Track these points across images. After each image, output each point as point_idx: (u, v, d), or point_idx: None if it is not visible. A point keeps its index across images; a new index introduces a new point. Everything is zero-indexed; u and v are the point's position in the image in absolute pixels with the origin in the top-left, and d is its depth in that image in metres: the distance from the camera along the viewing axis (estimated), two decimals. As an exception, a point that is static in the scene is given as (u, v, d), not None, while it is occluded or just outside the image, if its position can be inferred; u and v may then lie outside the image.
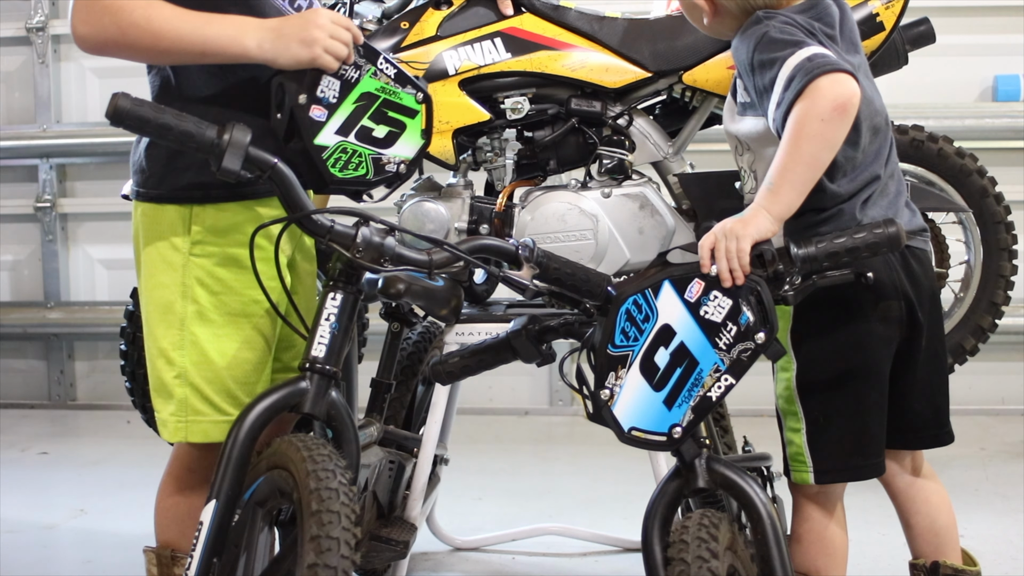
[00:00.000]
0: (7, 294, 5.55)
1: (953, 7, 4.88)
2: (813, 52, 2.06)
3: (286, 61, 2.12)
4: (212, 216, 2.21)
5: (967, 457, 4.32)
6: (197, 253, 2.21)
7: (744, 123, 2.24)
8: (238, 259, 2.21)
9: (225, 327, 2.22)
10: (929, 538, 2.38)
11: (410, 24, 2.87)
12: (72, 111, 5.39)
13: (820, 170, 2.06)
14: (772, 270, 2.01)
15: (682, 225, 2.90)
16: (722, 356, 1.99)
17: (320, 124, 2.17)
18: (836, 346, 2.23)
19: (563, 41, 2.88)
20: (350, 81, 2.19)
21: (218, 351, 2.22)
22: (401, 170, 2.26)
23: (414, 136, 2.27)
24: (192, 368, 2.22)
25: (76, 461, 4.47)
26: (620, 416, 2.01)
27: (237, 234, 2.21)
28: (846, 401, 2.24)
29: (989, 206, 3.19)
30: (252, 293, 2.21)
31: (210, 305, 2.21)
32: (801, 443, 2.27)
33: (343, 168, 2.21)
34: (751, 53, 2.14)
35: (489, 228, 2.90)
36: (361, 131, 2.21)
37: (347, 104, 2.19)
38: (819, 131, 2.02)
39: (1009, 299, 3.23)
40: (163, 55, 2.12)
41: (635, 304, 2.02)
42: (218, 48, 2.09)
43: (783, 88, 2.06)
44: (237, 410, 2.20)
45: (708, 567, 1.88)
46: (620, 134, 2.91)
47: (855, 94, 2.03)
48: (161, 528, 2.34)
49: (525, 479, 4.20)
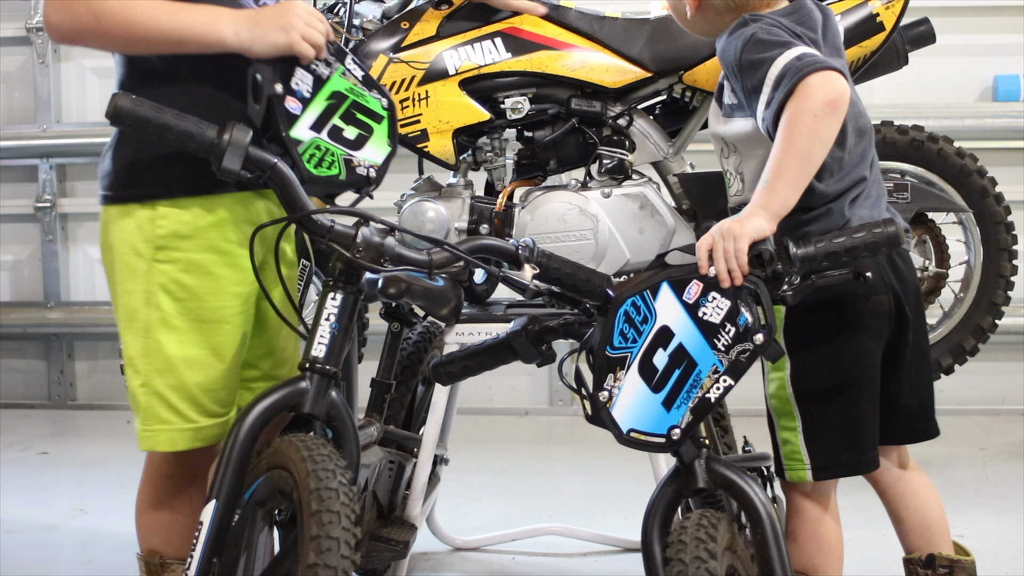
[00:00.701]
0: (7, 294, 5.54)
1: (953, 7, 4.88)
2: (801, 52, 2.07)
3: (263, 48, 2.10)
4: (175, 220, 2.17)
5: (967, 457, 4.33)
6: (161, 259, 2.17)
7: (732, 124, 2.25)
8: (202, 265, 2.18)
9: (190, 334, 2.19)
10: (921, 532, 2.38)
11: (410, 24, 2.87)
12: (72, 111, 5.38)
13: (815, 166, 2.07)
14: (771, 270, 2.01)
15: (682, 225, 2.90)
16: (721, 357, 1.99)
17: (295, 116, 2.13)
18: (830, 343, 2.23)
19: (563, 41, 2.88)
20: (321, 77, 2.17)
21: (183, 359, 2.19)
22: (371, 175, 2.23)
23: (381, 142, 2.24)
24: (156, 376, 2.19)
25: (76, 461, 4.47)
26: (619, 418, 2.01)
27: (200, 239, 2.18)
28: (841, 397, 2.25)
29: (989, 206, 3.19)
30: (217, 300, 2.20)
31: (174, 312, 2.18)
32: (798, 441, 2.27)
33: (317, 165, 2.17)
34: (739, 54, 2.14)
35: (489, 228, 2.90)
36: (333, 130, 2.18)
37: (319, 100, 2.16)
38: (812, 126, 2.03)
39: (1009, 299, 3.23)
40: (138, 43, 2.09)
41: (633, 306, 2.02)
42: (194, 36, 2.08)
43: (772, 87, 2.07)
44: (204, 418, 2.21)
45: (706, 567, 1.88)
46: (620, 134, 2.91)
47: (846, 91, 2.04)
48: (144, 537, 2.32)
49: (525, 479, 4.20)
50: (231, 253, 2.20)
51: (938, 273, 3.18)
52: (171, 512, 2.28)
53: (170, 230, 2.17)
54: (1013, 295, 3.25)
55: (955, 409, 4.95)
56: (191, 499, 2.29)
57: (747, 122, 2.20)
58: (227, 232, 2.21)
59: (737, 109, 2.22)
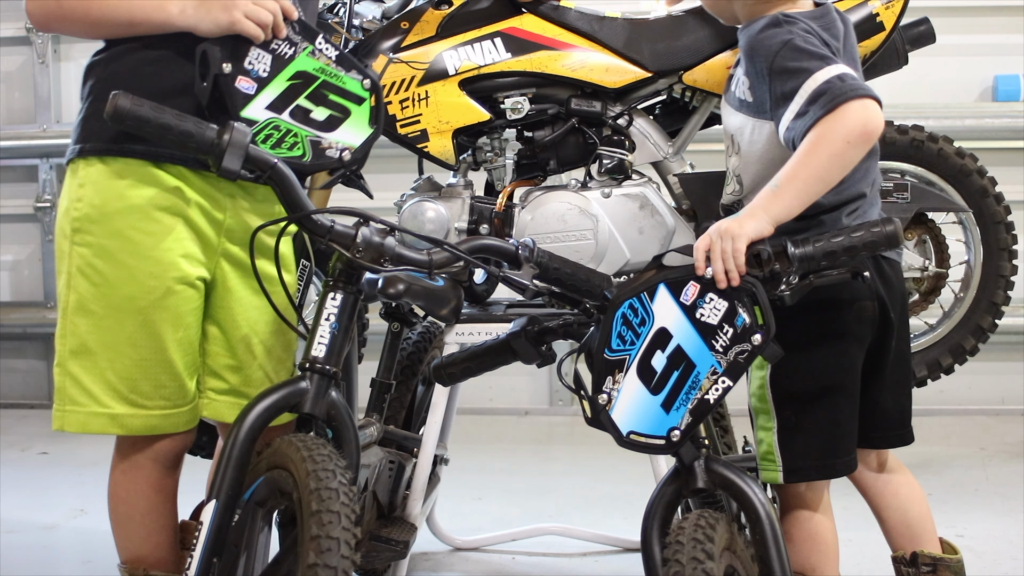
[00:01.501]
0: (7, 294, 5.54)
1: (953, 7, 4.88)
2: (842, 72, 2.07)
3: (207, 27, 2.12)
4: (88, 201, 2.19)
5: (967, 457, 4.33)
6: (77, 242, 2.20)
7: (735, 118, 2.26)
8: (112, 252, 2.19)
9: (106, 319, 2.19)
10: (903, 530, 2.39)
11: (410, 24, 2.87)
12: (72, 111, 5.38)
13: (827, 187, 2.07)
14: (768, 270, 2.01)
15: (682, 225, 2.90)
16: (719, 358, 1.99)
17: (248, 96, 2.14)
18: (811, 347, 2.23)
19: (563, 41, 2.88)
20: (283, 57, 2.17)
21: (99, 342, 2.20)
22: (345, 157, 2.22)
23: (360, 123, 2.23)
24: (71, 358, 2.21)
25: (76, 461, 4.47)
26: (618, 420, 2.01)
27: (110, 224, 2.19)
28: (820, 401, 2.25)
29: (989, 206, 3.19)
30: (128, 288, 2.19)
31: (90, 296, 2.20)
32: (772, 442, 2.27)
33: (275, 146, 2.17)
34: (772, 57, 2.13)
35: (489, 228, 2.90)
36: (297, 111, 2.19)
37: (280, 80, 2.17)
38: (841, 151, 2.04)
39: (1009, 299, 3.23)
40: (96, 27, 2.20)
41: (631, 308, 2.02)
42: (144, 16, 2.15)
43: (808, 101, 2.07)
44: (118, 404, 2.20)
45: (703, 568, 1.87)
46: (620, 134, 2.91)
47: (882, 124, 2.06)
48: (119, 543, 2.30)
49: (525, 479, 4.20)
50: (141, 243, 2.19)
51: (938, 273, 3.18)
52: (135, 514, 2.28)
53: (83, 213, 2.19)
54: (1013, 295, 3.24)
55: (955, 409, 4.95)
56: (154, 505, 2.28)
57: (747, 120, 2.19)
58: (137, 220, 2.19)
59: (746, 108, 2.22)
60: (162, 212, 2.20)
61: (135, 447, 2.26)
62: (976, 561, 3.22)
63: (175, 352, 2.23)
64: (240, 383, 2.32)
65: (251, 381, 2.32)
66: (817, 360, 2.24)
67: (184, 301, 2.22)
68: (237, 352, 2.31)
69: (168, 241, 2.19)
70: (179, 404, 2.26)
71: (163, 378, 2.23)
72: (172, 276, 2.20)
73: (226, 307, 2.28)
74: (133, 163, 2.20)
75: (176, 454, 2.31)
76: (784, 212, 2.05)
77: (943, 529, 2.44)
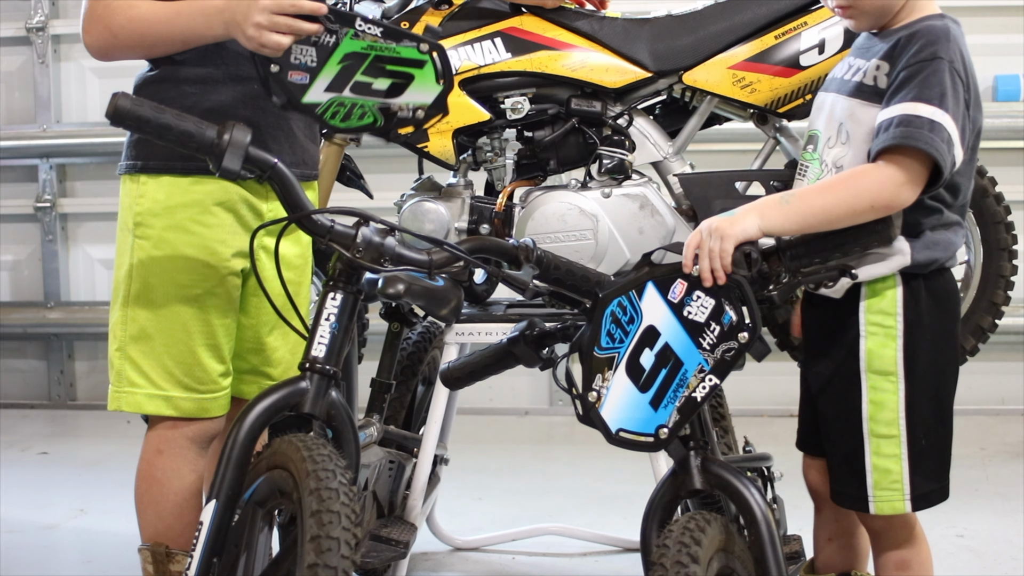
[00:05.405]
0: (7, 294, 5.54)
1: (953, 7, 4.81)
2: (942, 122, 1.99)
3: (244, 43, 2.18)
4: (151, 196, 2.29)
5: (967, 457, 4.32)
6: (139, 235, 2.30)
7: (848, 105, 2.15)
8: (172, 243, 2.29)
9: (165, 308, 2.30)
10: (847, 550, 2.34)
11: (410, 24, 2.87)
12: (72, 111, 5.38)
13: (828, 228, 2.02)
14: (756, 270, 2.00)
15: (682, 225, 2.90)
16: (706, 356, 1.98)
17: (303, 86, 2.22)
18: (941, 363, 2.17)
19: (563, 41, 2.88)
20: (327, 46, 2.21)
21: (157, 329, 2.31)
22: (418, 115, 2.31)
23: (427, 83, 2.29)
24: (131, 343, 2.31)
25: (76, 461, 4.47)
26: (608, 418, 2.02)
27: (169, 218, 2.29)
28: (943, 419, 2.18)
29: (989, 206, 3.18)
30: (186, 278, 2.29)
31: (151, 285, 2.31)
32: (899, 470, 2.14)
33: (344, 119, 2.27)
34: (917, 56, 2.05)
35: (489, 228, 2.90)
36: (357, 86, 2.26)
37: (331, 66, 2.23)
38: (862, 212, 2.00)
39: (1009, 299, 3.22)
40: (153, 49, 2.28)
41: (619, 306, 2.02)
42: (196, 36, 2.23)
43: (895, 121, 2.01)
44: (173, 388, 2.31)
45: (686, 572, 1.87)
46: (620, 134, 2.91)
47: (907, 203, 2.01)
48: (145, 523, 2.36)
49: (525, 479, 4.20)
50: (200, 235, 2.29)
51: (938, 273, 3.18)
52: (174, 495, 2.34)
53: (146, 208, 2.29)
54: (1013, 295, 3.24)
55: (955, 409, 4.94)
56: (188, 484, 2.36)
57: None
58: (197, 213, 2.29)
59: (866, 92, 2.12)
60: (218, 206, 2.31)
61: (175, 427, 2.35)
62: (976, 561, 3.22)
63: (223, 338, 2.35)
64: (260, 363, 2.44)
65: (271, 361, 2.44)
66: (945, 378, 2.18)
67: (232, 290, 2.35)
68: (261, 335, 2.43)
69: (222, 233, 2.31)
70: (224, 387, 2.37)
71: (212, 363, 2.34)
72: (225, 266, 2.32)
73: (258, 294, 2.36)
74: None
75: (211, 435, 2.40)
76: (778, 228, 2.02)
77: (943, 529, 2.44)
